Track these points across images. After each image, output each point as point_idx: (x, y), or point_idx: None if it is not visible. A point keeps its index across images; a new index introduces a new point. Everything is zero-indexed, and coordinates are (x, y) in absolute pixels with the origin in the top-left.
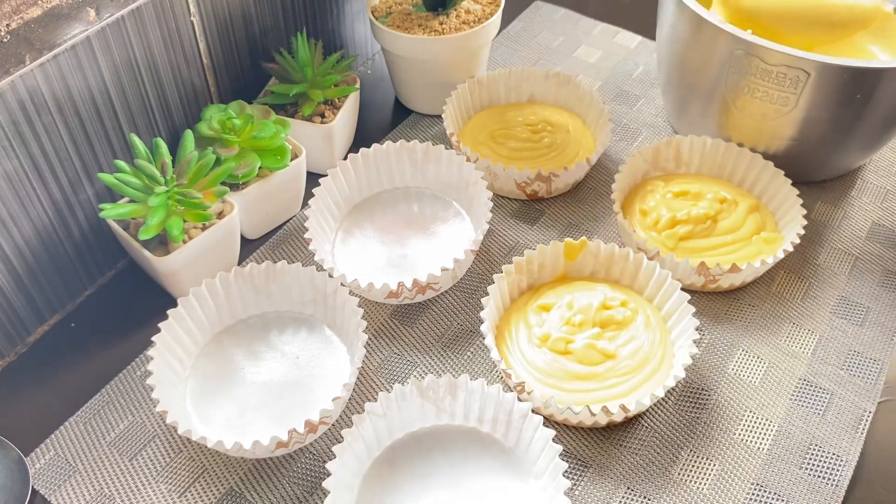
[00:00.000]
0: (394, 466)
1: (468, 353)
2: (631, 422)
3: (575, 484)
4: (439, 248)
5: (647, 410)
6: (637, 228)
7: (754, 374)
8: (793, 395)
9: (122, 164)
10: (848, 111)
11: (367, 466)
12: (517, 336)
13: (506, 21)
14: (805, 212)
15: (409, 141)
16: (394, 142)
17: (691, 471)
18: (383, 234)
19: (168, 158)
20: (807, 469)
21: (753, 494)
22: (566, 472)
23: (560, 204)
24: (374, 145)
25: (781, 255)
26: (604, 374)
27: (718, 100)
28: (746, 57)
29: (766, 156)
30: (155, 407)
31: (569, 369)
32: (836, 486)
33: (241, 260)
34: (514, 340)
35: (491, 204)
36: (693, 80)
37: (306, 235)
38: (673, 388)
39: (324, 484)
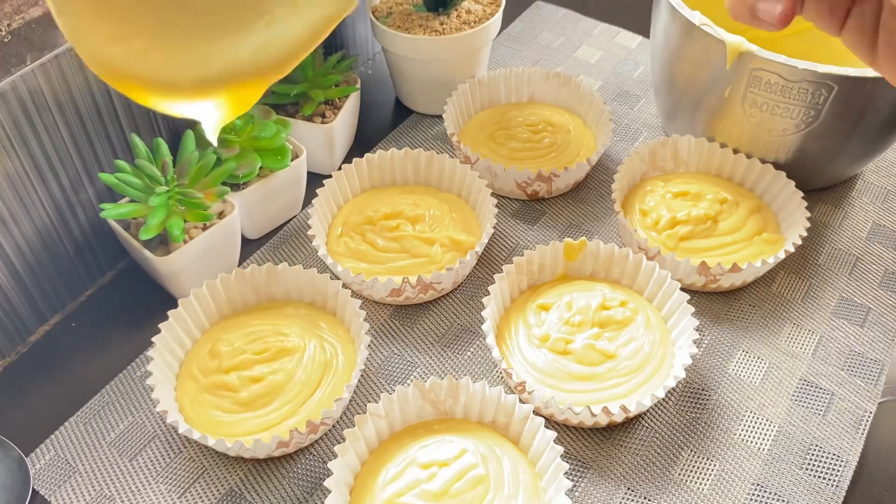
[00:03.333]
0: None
1: (468, 353)
2: (631, 422)
3: (576, 484)
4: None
5: (648, 411)
6: (637, 228)
7: (755, 374)
8: (793, 396)
9: (122, 163)
10: (848, 122)
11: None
12: (517, 336)
13: (506, 21)
14: (809, 214)
15: (409, 140)
16: (395, 141)
17: (691, 471)
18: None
19: (169, 158)
20: (807, 469)
21: (754, 495)
22: (567, 472)
23: (561, 204)
24: (379, 152)
25: (782, 256)
26: (604, 374)
27: (710, 108)
28: (747, 69)
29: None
30: (155, 407)
31: (569, 370)
32: (837, 486)
33: (242, 260)
34: (514, 340)
35: (496, 210)
36: (684, 88)
37: (309, 232)
38: (673, 389)
39: (325, 483)
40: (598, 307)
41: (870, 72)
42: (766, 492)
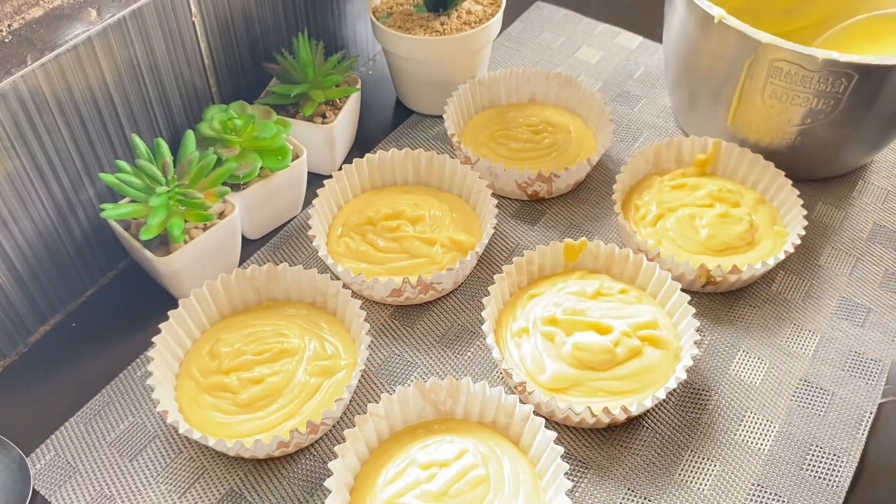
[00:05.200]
0: None
1: (469, 353)
2: (632, 423)
3: (576, 485)
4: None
5: (648, 411)
6: (636, 230)
7: (755, 374)
8: (794, 396)
9: (123, 164)
10: (868, 110)
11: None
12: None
13: (507, 22)
14: (805, 212)
15: (410, 141)
16: (395, 142)
17: (692, 471)
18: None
19: (169, 158)
20: (807, 470)
21: (754, 495)
22: (567, 472)
23: (561, 204)
24: (380, 152)
25: (782, 256)
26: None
27: (728, 99)
28: (767, 60)
29: (771, 152)
30: (155, 407)
31: (570, 370)
32: (837, 486)
33: (243, 260)
34: (516, 341)
35: (496, 210)
36: (702, 80)
37: (310, 233)
38: (674, 389)
39: (325, 483)
40: (594, 292)
41: (889, 59)
42: (766, 492)
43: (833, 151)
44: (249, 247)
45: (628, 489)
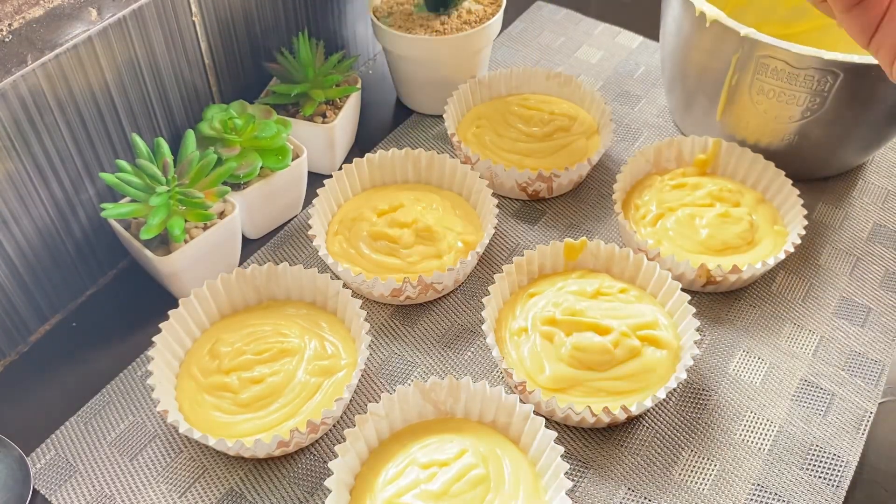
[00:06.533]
0: None
1: (469, 353)
2: (632, 422)
3: (576, 484)
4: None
5: (648, 411)
6: (636, 230)
7: (755, 374)
8: (794, 396)
9: (123, 163)
10: (854, 110)
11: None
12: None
13: (507, 21)
14: (805, 212)
15: (410, 140)
16: (396, 141)
17: (692, 471)
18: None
19: (170, 158)
20: (807, 470)
21: (754, 495)
22: (567, 472)
23: (561, 204)
24: (380, 152)
25: (782, 256)
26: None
27: (724, 98)
28: (754, 56)
29: (770, 152)
30: (155, 407)
31: (569, 370)
32: (837, 486)
33: (243, 260)
34: (515, 340)
35: (497, 210)
36: (698, 79)
37: (310, 232)
38: (674, 389)
39: (325, 483)
40: (594, 292)
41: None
42: (766, 492)
43: (828, 151)
44: (249, 246)
45: (628, 489)
